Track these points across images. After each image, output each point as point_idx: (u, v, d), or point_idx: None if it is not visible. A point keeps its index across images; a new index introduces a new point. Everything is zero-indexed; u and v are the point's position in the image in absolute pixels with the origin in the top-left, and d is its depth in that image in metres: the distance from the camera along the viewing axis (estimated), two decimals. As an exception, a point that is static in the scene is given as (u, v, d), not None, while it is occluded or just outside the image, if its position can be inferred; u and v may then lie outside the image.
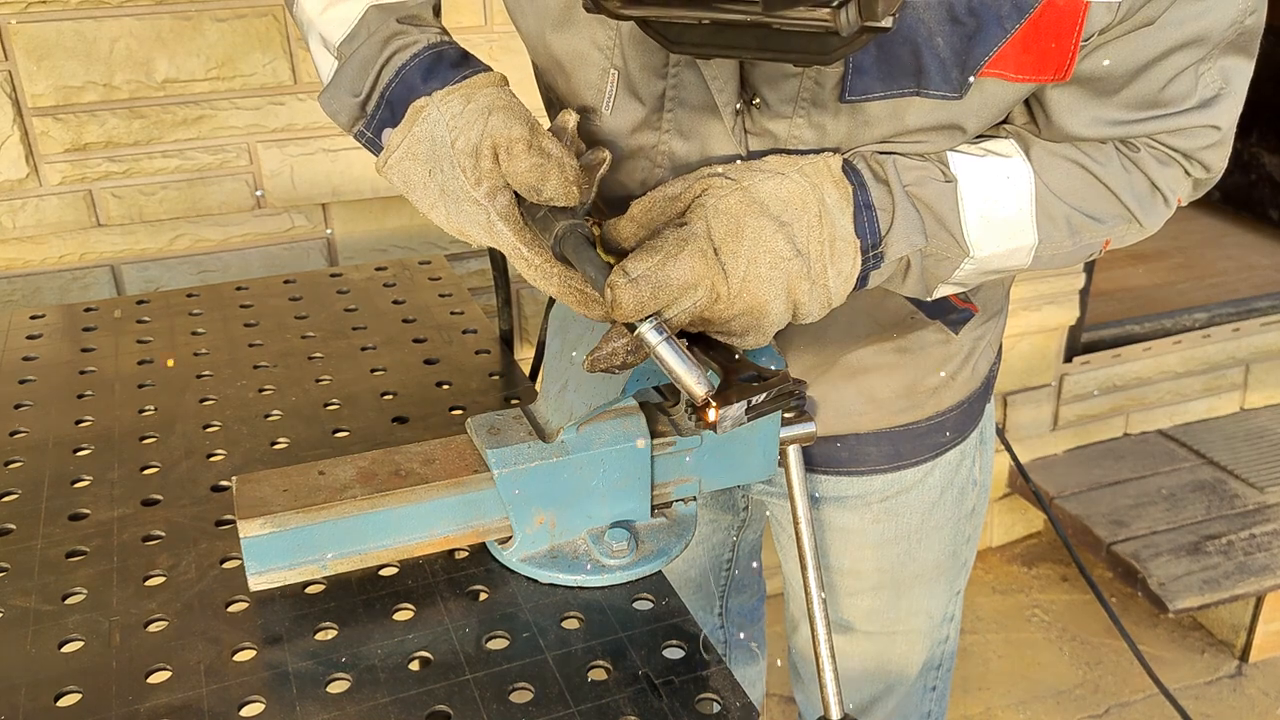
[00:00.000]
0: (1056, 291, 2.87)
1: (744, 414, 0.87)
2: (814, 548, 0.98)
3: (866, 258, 0.95)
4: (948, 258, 0.99)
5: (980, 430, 1.32)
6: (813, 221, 0.92)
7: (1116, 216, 1.03)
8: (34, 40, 1.77)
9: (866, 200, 0.94)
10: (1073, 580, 3.02)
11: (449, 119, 0.91)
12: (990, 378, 1.30)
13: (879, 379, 1.18)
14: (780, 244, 0.90)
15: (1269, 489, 2.96)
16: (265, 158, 1.98)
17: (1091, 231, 1.02)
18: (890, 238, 0.95)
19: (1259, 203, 4.15)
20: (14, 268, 1.90)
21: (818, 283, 0.93)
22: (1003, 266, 1.02)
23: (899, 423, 1.21)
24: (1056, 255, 1.03)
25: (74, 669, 0.87)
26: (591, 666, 0.88)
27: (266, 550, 0.91)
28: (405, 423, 1.22)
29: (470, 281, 2.21)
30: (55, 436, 1.20)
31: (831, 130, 0.97)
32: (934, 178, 0.97)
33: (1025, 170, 1.00)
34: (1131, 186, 1.02)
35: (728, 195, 0.90)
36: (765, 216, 0.90)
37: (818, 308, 0.94)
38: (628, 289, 0.84)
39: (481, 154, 0.89)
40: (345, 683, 0.86)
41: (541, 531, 0.98)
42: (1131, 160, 1.01)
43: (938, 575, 1.35)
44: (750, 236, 0.89)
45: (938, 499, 1.29)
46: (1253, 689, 2.68)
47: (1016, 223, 1.00)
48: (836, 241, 0.93)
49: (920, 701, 1.45)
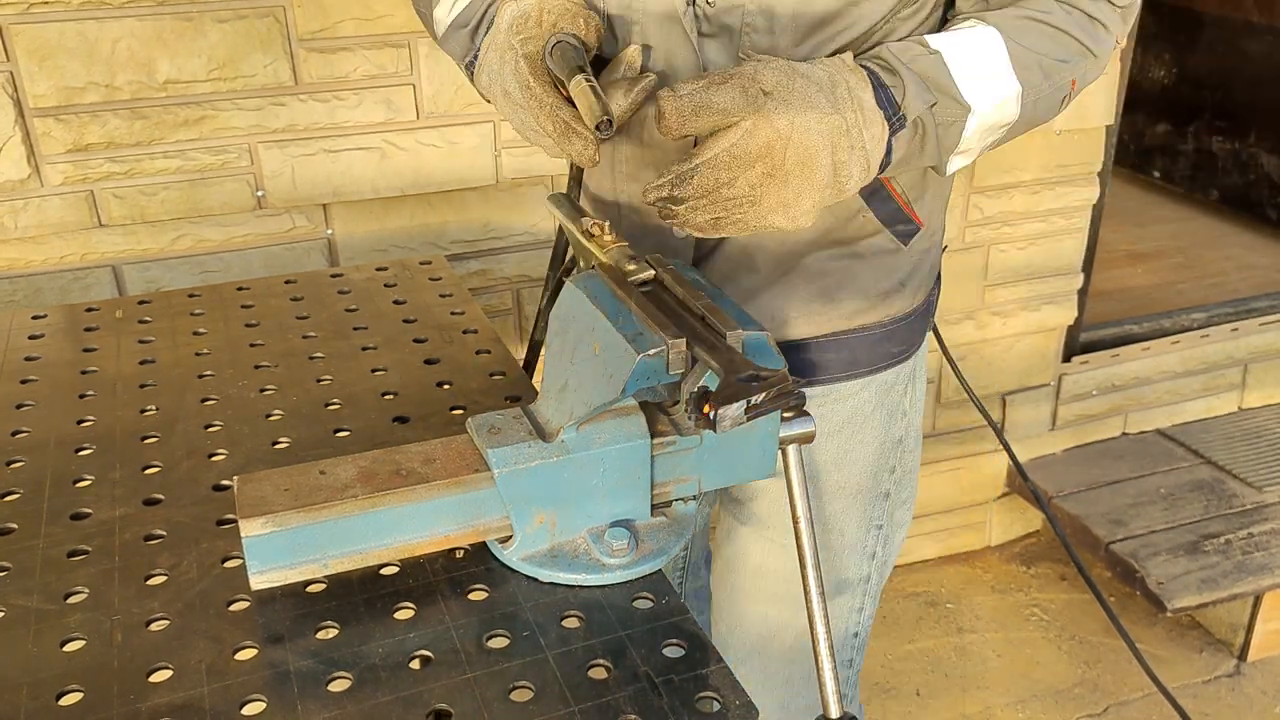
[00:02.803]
0: (1055, 292, 2.88)
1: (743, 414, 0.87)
2: (814, 548, 0.98)
3: (891, 122, 1.07)
4: (954, 120, 1.11)
5: (915, 360, 1.40)
6: (844, 94, 1.04)
7: (1075, 54, 1.15)
8: (35, 41, 1.78)
9: (879, 81, 1.07)
10: (1071, 579, 3.02)
11: (521, 5, 1.10)
12: (931, 302, 1.40)
13: (835, 281, 1.27)
14: (823, 100, 1.02)
15: (1267, 488, 2.96)
16: (266, 158, 1.98)
17: (1059, 72, 1.15)
18: (906, 101, 1.07)
19: (1258, 203, 4.16)
20: (15, 268, 1.91)
21: (856, 144, 1.04)
22: (999, 120, 1.14)
23: (855, 324, 1.30)
24: (1039, 100, 1.15)
25: (75, 668, 0.87)
26: (592, 665, 0.88)
27: (268, 549, 0.91)
28: (406, 423, 1.22)
29: (470, 282, 2.21)
30: (57, 436, 1.20)
31: (779, 10, 1.10)
32: (920, 54, 1.10)
33: (991, 31, 1.12)
34: (1076, 23, 1.15)
35: (773, 62, 1.03)
36: (810, 79, 1.03)
37: (858, 170, 1.05)
38: (670, 101, 0.98)
39: (529, 16, 1.08)
40: (346, 681, 0.86)
41: (542, 531, 0.98)
42: (1067, 2, 1.15)
43: (856, 495, 1.40)
44: (799, 90, 1.01)
45: (868, 415, 1.36)
46: (1251, 688, 2.69)
47: (999, 75, 1.12)
48: (865, 110, 1.05)
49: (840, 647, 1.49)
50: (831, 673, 0.97)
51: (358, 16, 1.94)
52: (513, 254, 2.24)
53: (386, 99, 2.02)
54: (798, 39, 1.11)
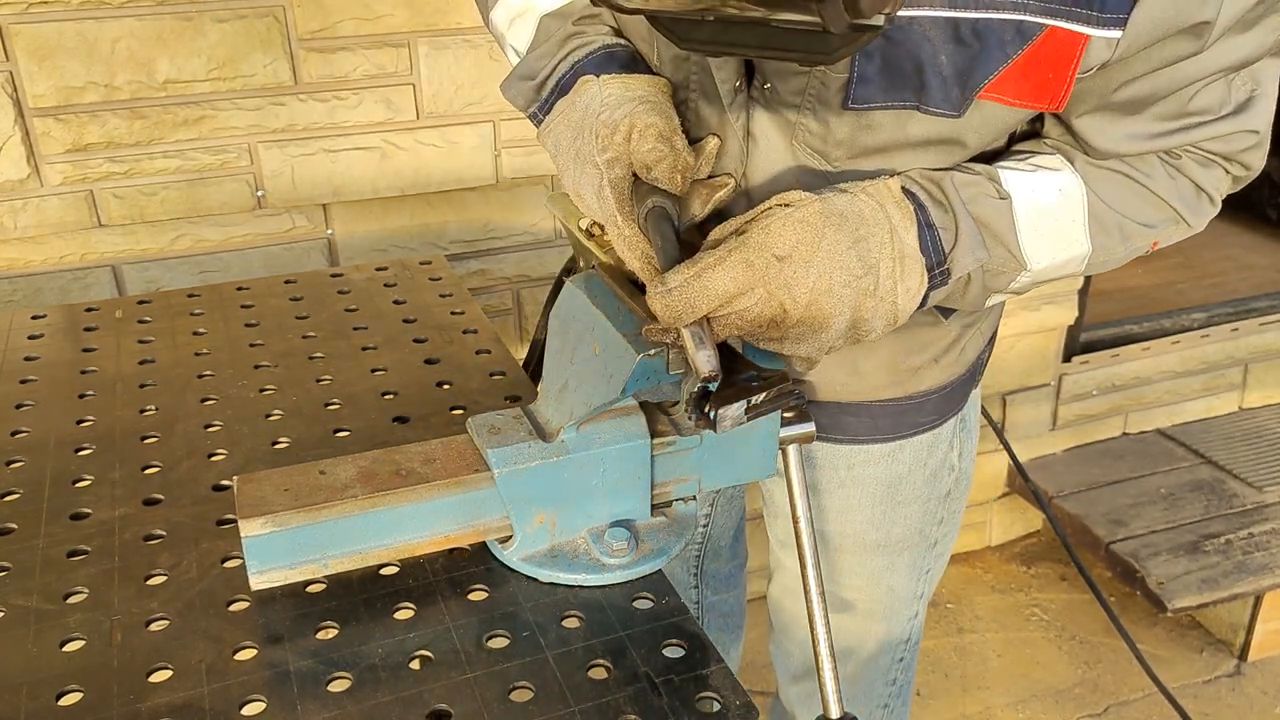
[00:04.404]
0: (1055, 291, 2.88)
1: (743, 414, 0.87)
2: (814, 548, 0.98)
3: (933, 275, 0.97)
4: (1004, 271, 1.01)
5: (963, 416, 1.33)
6: (884, 238, 0.94)
7: (1166, 220, 1.05)
8: (35, 41, 1.78)
9: (927, 220, 0.96)
10: (1072, 579, 3.02)
11: (605, 97, 1.00)
12: (978, 365, 1.32)
13: (864, 353, 1.19)
14: (853, 260, 0.92)
15: (1267, 488, 2.96)
16: (266, 158, 1.98)
17: (1142, 236, 1.04)
18: (955, 254, 0.97)
19: (1257, 203, 4.16)
20: (15, 268, 1.91)
21: (885, 300, 0.94)
22: (1057, 275, 1.05)
23: (880, 398, 1.23)
24: (1108, 261, 1.05)
25: (75, 668, 0.87)
26: (592, 665, 0.88)
27: (267, 549, 0.91)
28: (406, 422, 1.22)
29: (470, 282, 2.21)
30: (57, 436, 1.20)
31: (835, 128, 0.99)
32: (988, 194, 0.99)
33: (1076, 182, 1.01)
34: (1178, 191, 1.03)
35: (807, 205, 0.92)
36: (843, 230, 0.92)
37: (882, 324, 0.96)
38: (660, 299, 0.88)
39: (618, 129, 0.97)
40: (346, 682, 0.86)
41: (541, 531, 0.98)
42: (1175, 167, 1.03)
43: (901, 551, 1.37)
44: (827, 249, 0.91)
45: (905, 475, 1.30)
46: (1251, 688, 2.69)
47: (1070, 234, 1.02)
48: (905, 259, 0.94)
49: (888, 670, 1.48)
50: (831, 673, 0.97)
51: (357, 16, 1.94)
52: (513, 254, 2.24)
53: (386, 99, 2.02)
54: (852, 154, 1.01)
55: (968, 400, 1.33)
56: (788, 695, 1.57)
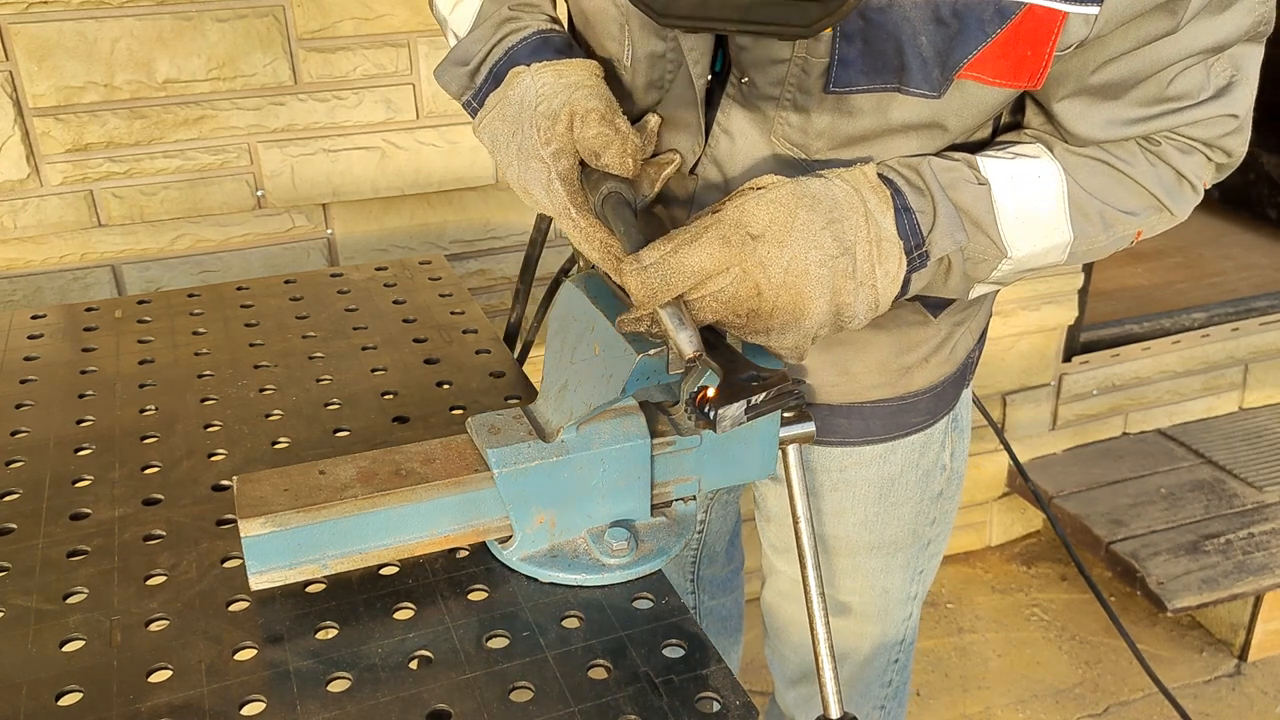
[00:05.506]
0: (1055, 291, 2.88)
1: (743, 414, 0.87)
2: (814, 548, 0.98)
3: (911, 258, 0.96)
4: (985, 259, 1.01)
5: (954, 415, 1.33)
6: (860, 221, 0.93)
7: (1148, 208, 1.04)
8: (35, 40, 1.78)
9: (904, 204, 0.96)
10: (1072, 579, 3.02)
11: (539, 87, 0.99)
12: (969, 364, 1.31)
13: (853, 353, 1.19)
14: (828, 240, 0.91)
15: (1267, 488, 2.96)
16: (266, 158, 1.98)
17: (1124, 224, 1.04)
18: (933, 236, 0.96)
19: (1257, 202, 4.16)
20: (15, 268, 1.91)
21: (865, 283, 0.93)
22: (1039, 264, 1.04)
23: (870, 398, 1.23)
24: (1091, 249, 1.04)
25: (75, 668, 0.87)
26: (591, 665, 0.88)
27: (267, 549, 0.91)
28: (406, 422, 1.22)
29: (470, 281, 2.21)
30: (56, 436, 1.20)
31: (815, 118, 0.98)
32: (967, 180, 0.99)
33: (1054, 169, 1.01)
34: (1159, 178, 1.03)
35: (779, 186, 0.91)
36: (817, 211, 0.91)
37: (864, 309, 0.95)
38: (635, 275, 0.87)
39: (558, 119, 0.96)
40: (346, 682, 0.86)
41: (541, 531, 0.98)
42: (1155, 154, 1.02)
43: (894, 552, 1.37)
44: (800, 228, 0.90)
45: (898, 476, 1.30)
46: (1251, 688, 2.69)
47: (1051, 221, 1.01)
48: (883, 242, 0.94)
49: (883, 672, 1.48)
50: (831, 672, 0.97)
51: (357, 16, 1.94)
52: (512, 254, 2.24)
53: (386, 98, 2.02)
54: (833, 145, 1.01)
55: (959, 400, 1.33)
56: (785, 699, 1.57)
